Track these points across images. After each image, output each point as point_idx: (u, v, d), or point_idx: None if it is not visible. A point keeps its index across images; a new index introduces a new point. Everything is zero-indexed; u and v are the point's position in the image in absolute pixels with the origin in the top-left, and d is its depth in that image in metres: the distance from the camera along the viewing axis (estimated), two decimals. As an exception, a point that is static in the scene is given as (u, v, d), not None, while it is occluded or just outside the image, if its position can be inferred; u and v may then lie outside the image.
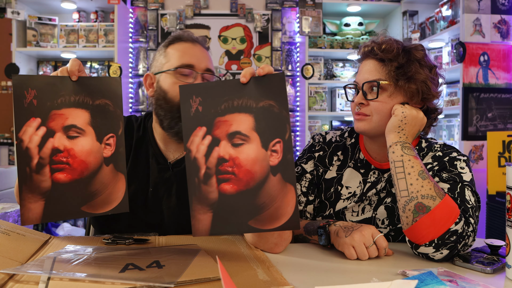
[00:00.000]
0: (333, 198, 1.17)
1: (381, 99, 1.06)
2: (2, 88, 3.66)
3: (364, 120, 1.08)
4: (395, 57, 1.06)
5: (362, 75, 1.10)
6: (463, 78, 2.76)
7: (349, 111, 3.54)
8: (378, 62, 1.09)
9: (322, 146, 1.22)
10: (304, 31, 3.40)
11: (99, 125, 0.95)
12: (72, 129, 0.90)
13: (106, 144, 0.96)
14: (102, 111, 0.96)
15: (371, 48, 1.10)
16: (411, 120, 1.01)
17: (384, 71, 1.07)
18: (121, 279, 0.68)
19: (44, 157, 0.84)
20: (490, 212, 2.44)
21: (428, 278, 0.73)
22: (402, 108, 1.03)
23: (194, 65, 1.10)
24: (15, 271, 0.71)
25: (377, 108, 1.06)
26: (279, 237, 0.93)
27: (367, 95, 1.08)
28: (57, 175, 0.86)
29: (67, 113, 0.89)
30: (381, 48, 1.08)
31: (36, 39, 3.24)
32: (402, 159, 0.97)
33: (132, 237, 0.97)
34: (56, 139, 0.86)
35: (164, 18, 3.44)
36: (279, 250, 0.95)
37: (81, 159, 0.91)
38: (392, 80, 1.05)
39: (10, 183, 2.85)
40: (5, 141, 3.64)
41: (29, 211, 0.81)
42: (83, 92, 0.92)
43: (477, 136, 2.78)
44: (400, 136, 1.00)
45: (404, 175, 0.95)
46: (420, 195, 0.91)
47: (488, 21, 2.79)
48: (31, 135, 0.83)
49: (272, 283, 0.69)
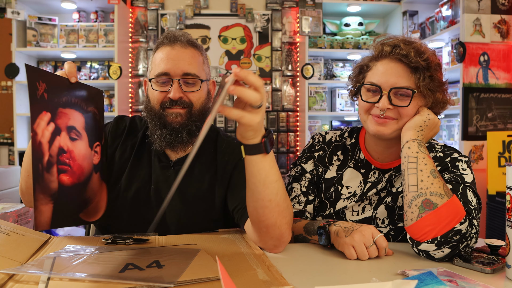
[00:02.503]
0: (333, 198, 1.17)
1: (411, 107, 1.03)
2: (2, 88, 3.66)
3: (387, 125, 1.05)
4: (429, 67, 1.03)
5: (388, 77, 1.03)
6: (463, 78, 2.76)
7: (349, 111, 3.54)
8: (406, 67, 1.03)
9: (321, 145, 1.22)
10: (304, 31, 3.40)
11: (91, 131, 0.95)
12: (73, 131, 0.89)
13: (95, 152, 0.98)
14: (93, 119, 0.97)
15: (406, 52, 1.02)
16: (432, 125, 1.02)
17: (415, 78, 1.02)
18: (121, 279, 0.68)
19: (53, 155, 0.82)
20: (490, 212, 2.44)
21: (428, 278, 0.73)
22: (428, 111, 1.04)
23: (169, 73, 1.09)
24: (15, 271, 0.71)
25: (407, 113, 1.03)
26: (278, 240, 0.93)
27: (392, 99, 1.03)
28: (62, 177, 0.85)
29: (69, 113, 0.88)
30: (421, 56, 1.02)
31: (36, 39, 3.24)
32: (417, 155, 0.97)
33: (132, 237, 0.97)
34: (62, 138, 0.85)
35: (164, 18, 3.44)
36: (278, 250, 0.95)
37: (79, 163, 0.90)
38: (423, 89, 1.02)
39: (10, 183, 2.85)
40: (5, 141, 3.64)
41: (41, 214, 0.79)
42: (80, 97, 0.92)
43: (477, 136, 2.78)
44: (418, 135, 1.01)
45: (416, 171, 0.95)
46: (429, 192, 0.92)
47: (488, 21, 2.79)
48: (43, 130, 0.81)
49: (272, 283, 0.69)
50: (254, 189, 0.87)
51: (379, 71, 1.06)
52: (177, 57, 1.10)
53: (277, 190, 0.87)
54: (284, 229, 0.92)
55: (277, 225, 0.90)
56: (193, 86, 1.11)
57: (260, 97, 0.76)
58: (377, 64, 1.08)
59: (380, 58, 1.08)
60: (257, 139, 0.83)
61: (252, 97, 0.75)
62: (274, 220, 0.89)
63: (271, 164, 0.86)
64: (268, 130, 0.85)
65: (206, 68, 1.19)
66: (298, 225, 1.09)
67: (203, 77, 1.14)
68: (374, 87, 1.05)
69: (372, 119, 1.06)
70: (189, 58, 1.11)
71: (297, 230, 1.08)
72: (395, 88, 1.02)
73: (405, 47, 1.03)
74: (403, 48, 1.03)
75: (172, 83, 1.09)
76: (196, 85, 1.12)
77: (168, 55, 1.10)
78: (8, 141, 3.63)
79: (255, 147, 0.83)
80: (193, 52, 1.13)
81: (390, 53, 1.05)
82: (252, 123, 0.78)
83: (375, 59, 1.09)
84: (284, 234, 0.93)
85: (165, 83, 1.11)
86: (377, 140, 1.13)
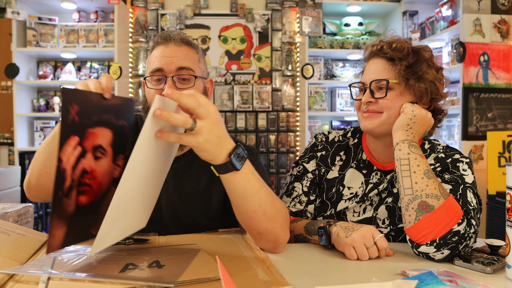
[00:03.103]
0: (334, 198, 1.17)
1: (389, 97, 1.05)
2: (2, 88, 3.66)
3: (373, 118, 1.07)
4: (405, 56, 1.06)
5: (370, 74, 1.09)
6: (463, 78, 2.76)
7: (349, 111, 3.54)
8: (386, 61, 1.08)
9: (324, 145, 1.22)
10: (304, 31, 3.40)
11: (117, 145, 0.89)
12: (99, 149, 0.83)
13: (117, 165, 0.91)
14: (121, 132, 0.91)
15: (380, 47, 1.09)
16: (420, 120, 1.02)
17: (393, 70, 1.06)
18: (121, 279, 0.68)
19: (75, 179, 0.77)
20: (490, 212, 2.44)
21: (428, 278, 0.73)
22: (412, 106, 1.03)
23: (163, 69, 1.09)
24: (15, 271, 0.71)
25: (386, 105, 1.06)
26: (275, 243, 0.92)
27: (374, 93, 1.07)
28: (80, 198, 0.79)
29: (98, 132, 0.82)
30: (391, 46, 1.07)
31: (36, 39, 3.24)
32: (409, 157, 0.97)
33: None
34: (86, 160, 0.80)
35: (164, 18, 3.44)
36: (278, 251, 0.95)
37: (99, 180, 0.85)
38: (402, 79, 1.05)
39: (10, 183, 2.85)
40: (5, 141, 3.64)
41: (54, 238, 0.74)
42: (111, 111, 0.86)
43: (477, 136, 2.78)
44: (407, 134, 1.00)
45: (409, 173, 0.95)
46: (424, 194, 0.91)
47: (488, 21, 2.79)
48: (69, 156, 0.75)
49: (272, 283, 0.69)
50: (236, 204, 0.85)
51: (365, 70, 1.14)
52: (170, 54, 1.10)
53: (259, 201, 0.84)
54: (278, 232, 0.90)
55: (269, 231, 0.89)
56: (188, 83, 1.10)
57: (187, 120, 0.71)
58: (366, 65, 1.15)
59: (367, 60, 1.15)
60: (221, 158, 0.77)
61: (179, 121, 0.70)
62: (265, 227, 0.88)
63: (247, 177, 0.81)
64: (237, 145, 0.79)
65: (203, 66, 1.18)
66: (298, 225, 1.09)
67: (198, 73, 1.13)
68: (360, 84, 1.13)
69: (361, 115, 1.10)
70: (183, 55, 1.11)
71: (298, 230, 1.08)
72: (374, 80, 1.07)
73: (381, 43, 1.10)
74: (379, 43, 1.10)
75: (166, 80, 1.09)
76: (190, 82, 1.10)
77: (162, 53, 1.10)
78: (8, 141, 3.63)
79: (223, 167, 0.78)
80: (187, 49, 1.13)
81: (372, 52, 1.12)
82: (193, 144, 0.73)
83: (365, 61, 1.17)
84: (279, 236, 0.91)
85: (160, 81, 1.10)
86: (374, 139, 1.13)
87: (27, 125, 3.34)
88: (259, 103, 3.50)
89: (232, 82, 3.51)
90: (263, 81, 3.54)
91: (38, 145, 3.33)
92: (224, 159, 0.77)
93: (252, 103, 3.49)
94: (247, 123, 3.49)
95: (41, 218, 3.38)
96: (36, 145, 3.33)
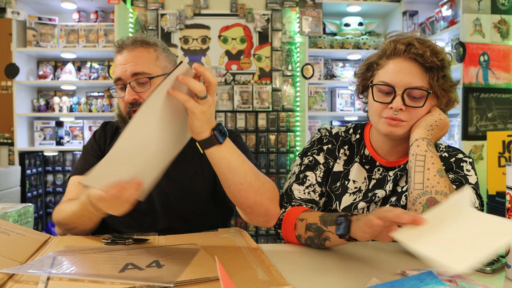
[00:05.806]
0: (339, 191, 1.14)
1: (425, 108, 1.02)
2: (2, 88, 3.66)
3: (400, 126, 1.02)
4: (443, 66, 1.01)
5: (402, 77, 1.00)
6: (463, 78, 2.76)
7: (349, 111, 3.53)
8: (420, 67, 1.00)
9: (329, 139, 1.19)
10: (304, 31, 3.40)
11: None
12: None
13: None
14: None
15: (422, 52, 0.99)
16: (442, 125, 1.02)
17: (427, 77, 1.00)
18: (121, 278, 0.68)
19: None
20: (490, 212, 2.44)
21: (428, 278, 0.73)
22: (439, 111, 1.03)
23: (121, 77, 1.13)
24: (15, 271, 0.71)
25: (419, 114, 1.02)
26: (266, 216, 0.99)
27: (405, 100, 1.01)
28: None
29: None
30: (436, 54, 1.00)
31: (36, 39, 3.24)
32: (426, 154, 0.97)
33: (131, 237, 0.97)
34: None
35: (164, 18, 3.44)
36: (270, 224, 1.01)
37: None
38: (438, 89, 1.01)
39: (10, 183, 2.85)
40: (5, 141, 3.64)
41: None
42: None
43: (477, 136, 2.78)
44: (428, 134, 1.00)
45: (423, 169, 0.95)
46: (434, 191, 0.92)
47: (488, 21, 2.79)
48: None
49: (271, 283, 0.69)
50: (223, 177, 0.93)
51: (392, 70, 1.02)
52: (125, 61, 1.14)
53: (244, 174, 0.92)
54: (267, 204, 0.97)
55: (257, 203, 0.96)
56: (144, 86, 1.13)
57: (204, 88, 0.82)
58: (389, 62, 1.04)
59: (392, 56, 1.03)
60: (206, 133, 0.87)
61: (197, 87, 0.80)
62: (253, 199, 0.95)
63: (230, 151, 0.91)
64: (218, 123, 0.90)
65: (163, 62, 1.18)
66: (313, 214, 1.02)
67: (156, 72, 1.14)
68: (387, 87, 1.02)
69: (385, 120, 1.03)
70: (135, 59, 1.13)
71: (312, 219, 1.00)
72: (409, 88, 0.99)
73: (420, 46, 1.00)
74: (418, 47, 1.00)
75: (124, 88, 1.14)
76: (146, 84, 1.13)
77: (119, 61, 1.15)
78: (8, 141, 3.63)
79: (207, 141, 0.88)
80: (140, 51, 1.15)
81: (404, 51, 1.01)
82: (196, 110, 0.82)
83: (386, 57, 1.05)
84: (269, 209, 0.98)
85: (122, 89, 1.15)
86: (385, 139, 1.11)
87: (27, 125, 3.34)
88: (259, 103, 3.50)
89: (232, 82, 3.51)
90: (263, 81, 3.54)
91: (38, 145, 3.33)
92: (209, 133, 0.87)
93: (252, 103, 3.49)
94: (247, 123, 3.49)
95: (41, 218, 3.38)
96: (36, 145, 3.33)
